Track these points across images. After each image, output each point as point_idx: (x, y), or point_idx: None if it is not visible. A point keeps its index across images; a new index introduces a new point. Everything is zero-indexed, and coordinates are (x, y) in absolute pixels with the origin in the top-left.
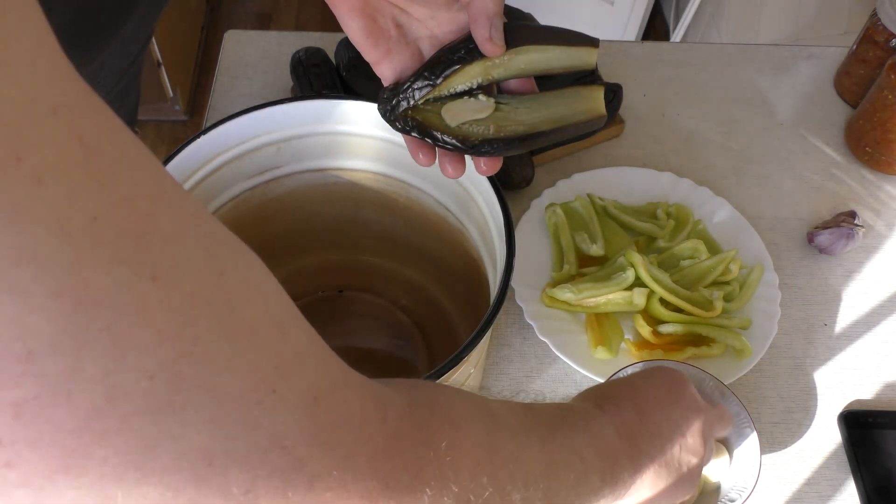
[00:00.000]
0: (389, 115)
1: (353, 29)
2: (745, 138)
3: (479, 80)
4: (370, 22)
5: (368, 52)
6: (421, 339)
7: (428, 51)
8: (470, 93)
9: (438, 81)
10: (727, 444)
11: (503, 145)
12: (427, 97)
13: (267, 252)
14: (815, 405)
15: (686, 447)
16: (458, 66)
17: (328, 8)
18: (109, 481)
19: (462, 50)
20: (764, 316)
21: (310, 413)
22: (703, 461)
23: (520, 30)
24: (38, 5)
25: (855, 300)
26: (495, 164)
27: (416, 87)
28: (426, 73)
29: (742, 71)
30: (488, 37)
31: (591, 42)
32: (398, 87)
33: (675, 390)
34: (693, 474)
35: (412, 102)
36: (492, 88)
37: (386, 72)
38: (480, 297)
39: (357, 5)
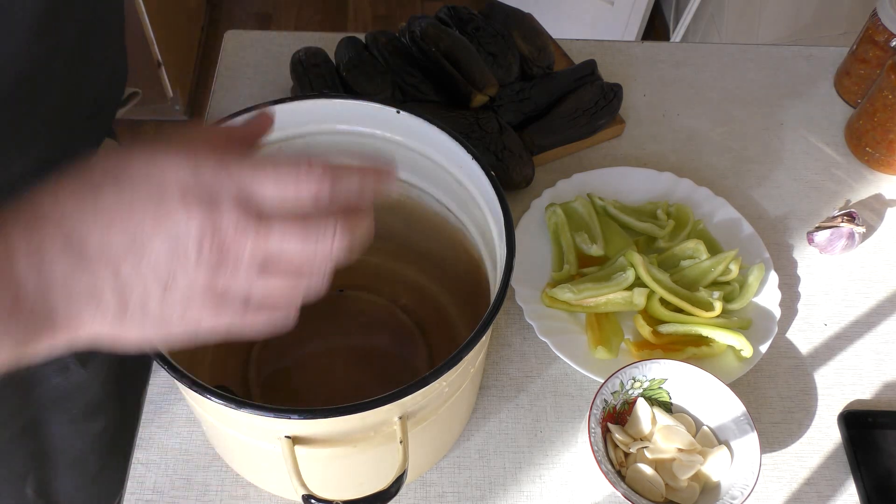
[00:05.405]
0: None
1: None
2: (745, 138)
3: None
4: None
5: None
6: (421, 338)
7: None
8: None
9: None
10: (727, 444)
11: None
12: None
13: None
14: (815, 405)
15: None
16: None
17: (328, 8)
18: None
19: None
20: (764, 316)
21: None
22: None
23: None
24: None
25: (855, 300)
26: None
27: None
28: None
29: (742, 71)
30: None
31: None
32: None
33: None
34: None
35: None
36: None
37: None
38: (480, 297)
39: None
